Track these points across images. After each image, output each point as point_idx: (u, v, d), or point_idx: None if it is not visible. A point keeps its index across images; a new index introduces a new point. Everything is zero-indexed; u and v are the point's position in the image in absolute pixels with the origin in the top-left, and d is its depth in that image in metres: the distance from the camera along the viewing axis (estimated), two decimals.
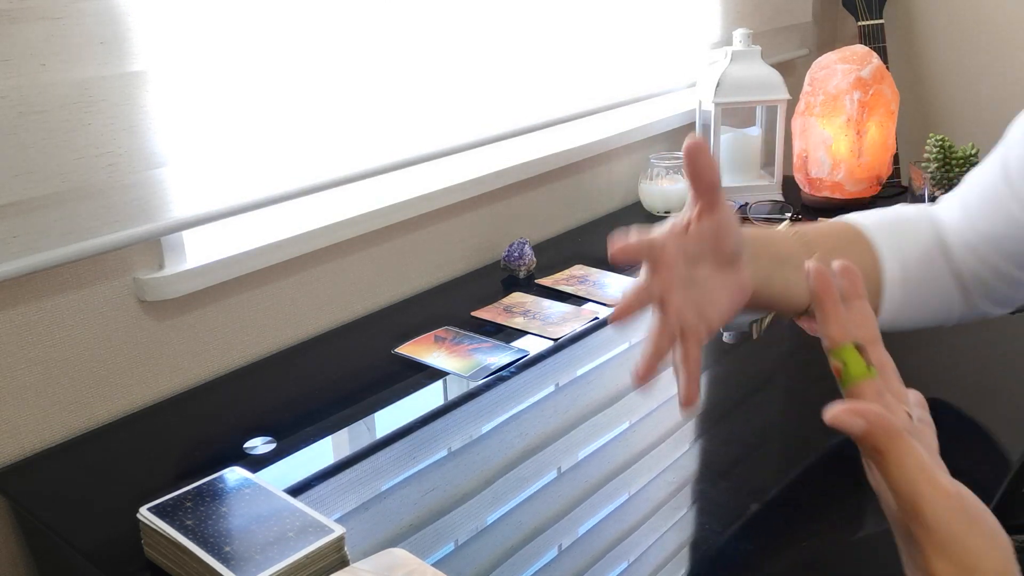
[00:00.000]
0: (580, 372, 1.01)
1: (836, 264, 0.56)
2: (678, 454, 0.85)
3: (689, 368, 0.63)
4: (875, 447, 0.47)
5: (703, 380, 0.98)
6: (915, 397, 0.56)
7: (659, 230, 0.66)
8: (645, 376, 0.63)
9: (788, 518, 0.75)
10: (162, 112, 0.94)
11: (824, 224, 0.84)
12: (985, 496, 0.75)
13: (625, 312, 0.64)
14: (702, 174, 0.64)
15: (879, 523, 0.72)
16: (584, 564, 0.71)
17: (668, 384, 0.97)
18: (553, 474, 0.83)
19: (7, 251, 0.86)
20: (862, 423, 0.47)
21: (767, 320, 0.82)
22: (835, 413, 0.47)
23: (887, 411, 0.48)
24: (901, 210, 0.87)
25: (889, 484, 0.47)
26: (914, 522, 0.47)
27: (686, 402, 0.62)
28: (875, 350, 0.54)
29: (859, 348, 0.53)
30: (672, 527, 0.74)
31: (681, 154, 0.63)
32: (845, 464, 0.80)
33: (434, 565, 0.69)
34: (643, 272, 0.65)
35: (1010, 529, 0.85)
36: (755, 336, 0.81)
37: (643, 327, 0.64)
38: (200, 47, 0.97)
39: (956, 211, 0.84)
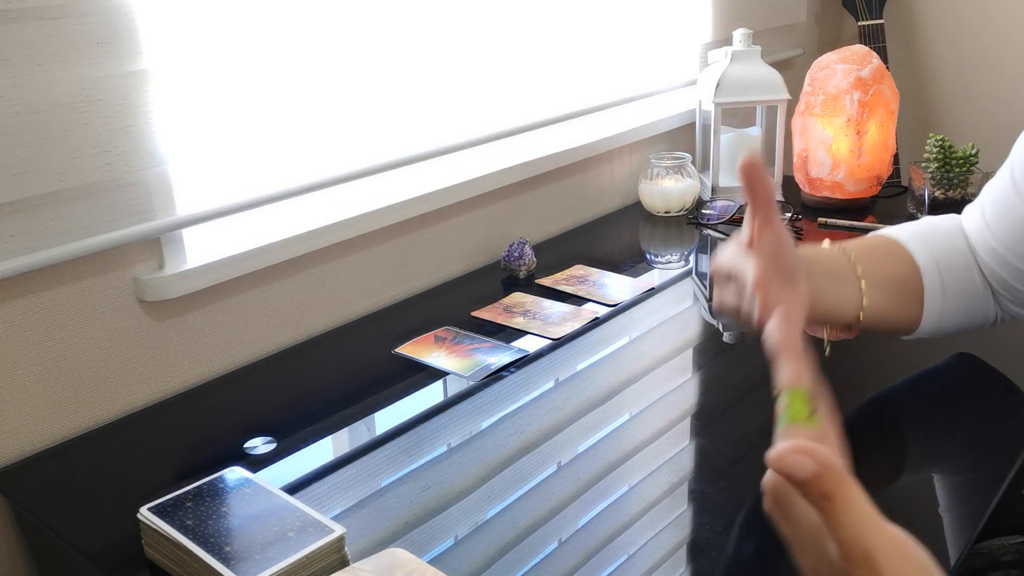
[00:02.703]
0: (578, 369, 1.01)
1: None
2: (677, 453, 0.85)
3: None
4: (822, 492, 0.43)
5: (702, 378, 0.99)
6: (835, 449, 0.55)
7: (727, 251, 0.73)
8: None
9: None
10: (160, 111, 0.94)
11: (864, 238, 0.88)
12: (986, 496, 0.75)
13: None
14: (758, 188, 0.67)
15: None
16: (582, 560, 0.71)
17: (666, 382, 0.97)
18: (552, 472, 0.83)
19: (5, 250, 0.87)
20: (811, 464, 0.43)
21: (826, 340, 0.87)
22: (779, 454, 0.44)
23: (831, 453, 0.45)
24: (934, 221, 0.92)
25: (835, 532, 0.44)
26: (862, 571, 0.43)
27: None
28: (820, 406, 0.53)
29: (811, 398, 0.52)
30: (670, 525, 0.74)
31: (738, 173, 0.67)
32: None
33: (433, 561, 0.69)
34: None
35: (1010, 529, 0.85)
36: (827, 352, 0.87)
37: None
38: (198, 46, 0.97)
39: (977, 219, 0.88)
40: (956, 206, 0.98)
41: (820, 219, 1.46)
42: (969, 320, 0.88)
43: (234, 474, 0.79)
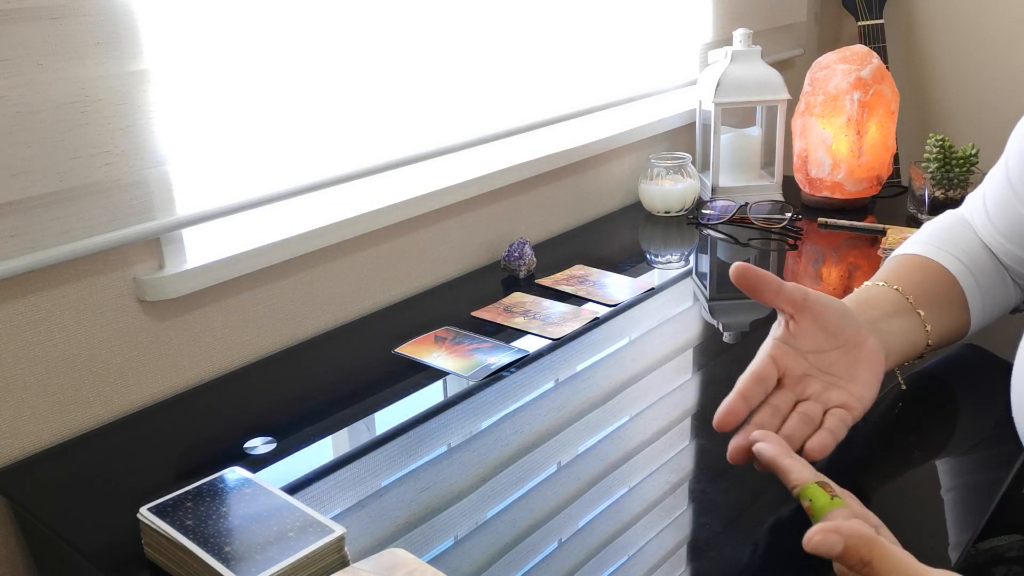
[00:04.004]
0: (578, 369, 1.01)
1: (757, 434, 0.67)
2: (677, 453, 0.85)
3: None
4: (860, 559, 0.49)
5: (702, 378, 0.98)
6: (874, 520, 0.60)
7: (761, 358, 0.72)
8: (727, 423, 0.68)
9: (787, 517, 0.75)
10: (160, 111, 0.94)
11: (892, 265, 0.91)
12: (986, 497, 0.75)
13: (734, 417, 0.69)
14: (762, 291, 0.70)
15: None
16: (582, 560, 0.71)
17: (666, 382, 0.97)
18: (552, 472, 0.83)
19: (5, 250, 0.87)
20: (839, 539, 0.49)
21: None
22: (812, 540, 0.49)
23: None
24: (941, 224, 0.94)
25: None
26: None
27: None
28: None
29: (822, 484, 0.60)
30: (670, 525, 0.74)
31: (735, 281, 0.70)
32: (844, 462, 0.80)
33: (433, 561, 0.69)
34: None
35: (1010, 528, 0.85)
36: (903, 386, 0.91)
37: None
38: (198, 46, 0.97)
39: (980, 211, 0.92)
40: (956, 206, 0.98)
41: (820, 219, 1.46)
42: (1003, 307, 0.92)
43: (234, 474, 0.79)
